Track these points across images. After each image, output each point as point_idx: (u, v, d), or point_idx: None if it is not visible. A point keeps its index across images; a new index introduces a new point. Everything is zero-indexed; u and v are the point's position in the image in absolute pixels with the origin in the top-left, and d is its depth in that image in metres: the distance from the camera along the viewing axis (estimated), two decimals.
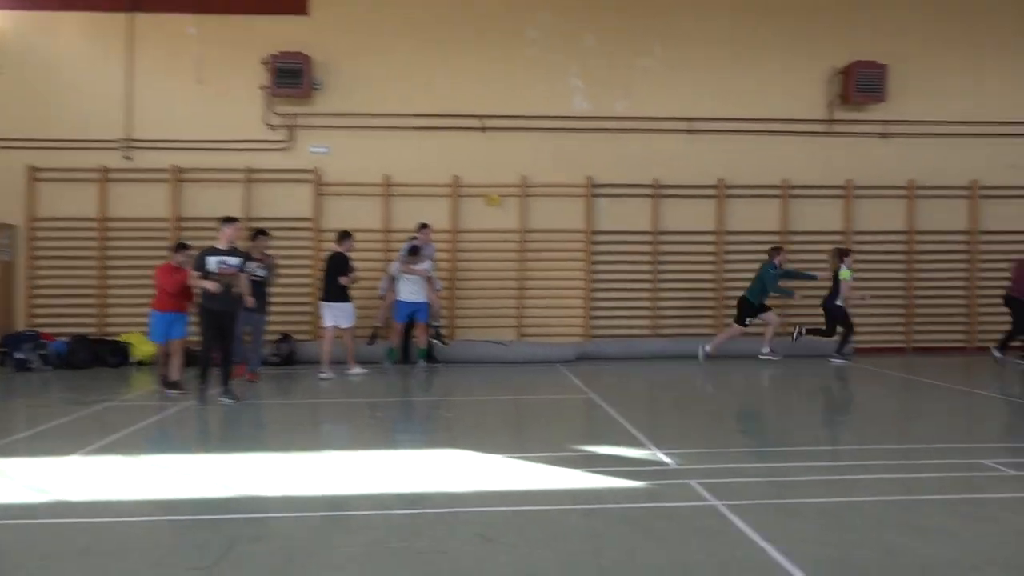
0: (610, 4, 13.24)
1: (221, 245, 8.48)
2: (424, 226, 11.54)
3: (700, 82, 13.28)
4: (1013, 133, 13.56)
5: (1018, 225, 13.59)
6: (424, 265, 11.09)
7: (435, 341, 11.77)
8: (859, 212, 13.43)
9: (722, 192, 13.24)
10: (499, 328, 12.99)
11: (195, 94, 12.64)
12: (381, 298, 11.84)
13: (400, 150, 12.90)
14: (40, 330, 12.10)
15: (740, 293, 12.92)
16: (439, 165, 12.94)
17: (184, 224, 12.45)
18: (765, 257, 12.22)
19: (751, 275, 12.88)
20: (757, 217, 13.34)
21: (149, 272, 9.82)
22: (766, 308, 12.25)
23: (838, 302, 11.89)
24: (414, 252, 11.07)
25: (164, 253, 10.16)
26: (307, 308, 12.71)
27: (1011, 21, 13.62)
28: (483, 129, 13.00)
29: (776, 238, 13.25)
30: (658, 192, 13.22)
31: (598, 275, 13.20)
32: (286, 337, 12.25)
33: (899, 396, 9.70)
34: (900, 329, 13.50)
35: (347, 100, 12.82)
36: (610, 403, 8.39)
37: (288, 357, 12.04)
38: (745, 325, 12.22)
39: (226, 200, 12.25)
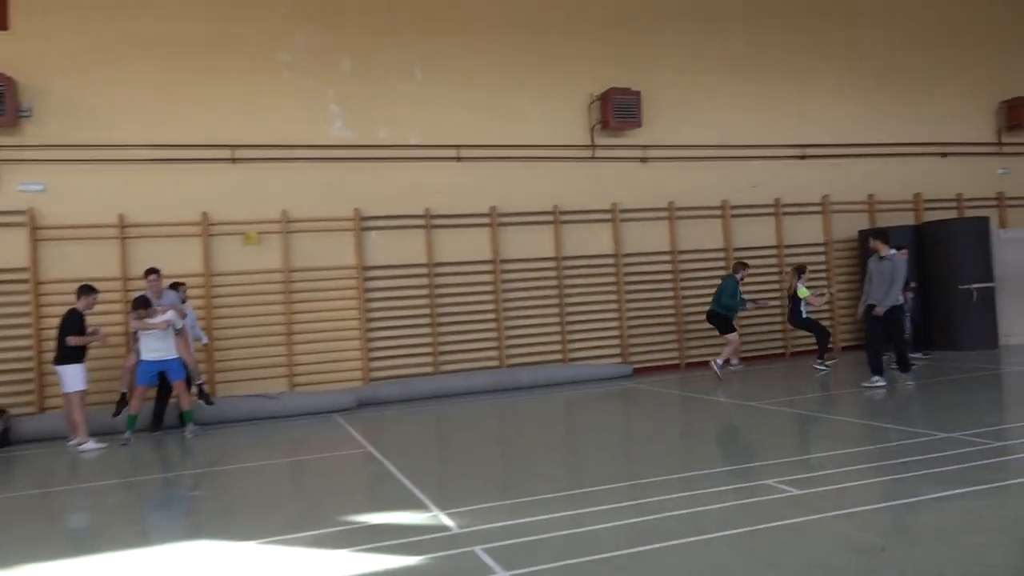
0: (367, 26, 12.59)
1: None
2: (150, 272, 10.02)
3: (466, 108, 12.99)
4: (751, 156, 14.62)
5: (762, 241, 14.62)
6: (165, 317, 9.65)
7: (200, 400, 10.30)
8: (627, 234, 13.77)
9: (495, 220, 12.99)
10: (267, 380, 11.73)
11: None
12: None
13: (137, 186, 11.33)
14: None
15: (520, 320, 12.82)
16: (185, 201, 11.51)
17: None
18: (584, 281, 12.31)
19: (531, 302, 12.81)
20: (531, 243, 13.23)
21: None
22: (731, 327, 12.51)
23: (804, 316, 12.37)
24: (141, 305, 9.60)
25: None
26: (27, 376, 10.70)
27: (742, 52, 14.72)
28: (233, 160, 11.77)
29: (552, 264, 13.23)
30: (430, 223, 12.69)
31: (373, 313, 12.37)
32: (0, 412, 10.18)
33: (684, 416, 9.79)
34: (674, 346, 13.95)
35: (66, 129, 11.05)
36: (389, 456, 7.60)
37: (2, 437, 9.98)
38: (734, 330, 12.52)
39: None
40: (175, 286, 10.42)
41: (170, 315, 9.82)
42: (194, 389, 10.24)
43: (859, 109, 15.46)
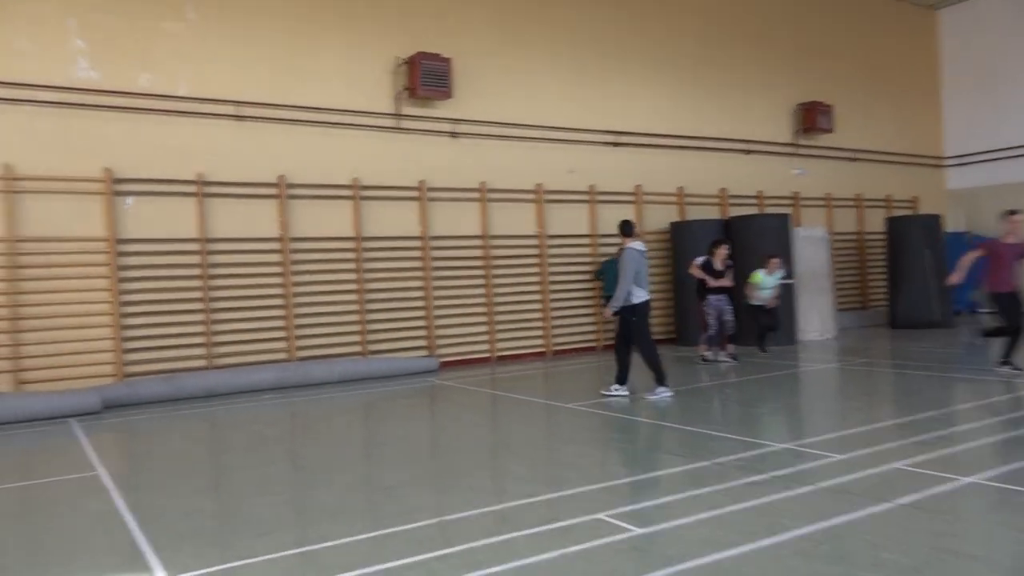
0: None
1: None
2: None
3: (250, 59, 11.10)
4: (568, 140, 13.89)
5: (576, 229, 13.96)
6: None
7: None
8: (436, 215, 12.53)
9: (283, 191, 11.23)
10: None
11: None
12: None
13: None
14: None
15: (313, 308, 11.30)
16: None
17: None
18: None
19: (327, 286, 11.34)
20: (327, 220, 11.61)
21: None
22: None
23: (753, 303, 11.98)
24: None
25: None
26: None
27: (561, 28, 13.94)
28: None
29: (351, 244, 11.72)
30: (204, 190, 10.71)
31: (129, 296, 10.23)
32: None
33: (492, 421, 8.68)
34: (485, 338, 12.92)
35: None
36: (124, 483, 5.85)
37: None
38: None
39: None
40: None
41: None
42: None
43: (672, 100, 15.24)
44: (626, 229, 9.05)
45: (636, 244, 8.88)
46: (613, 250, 13.48)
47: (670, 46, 15.25)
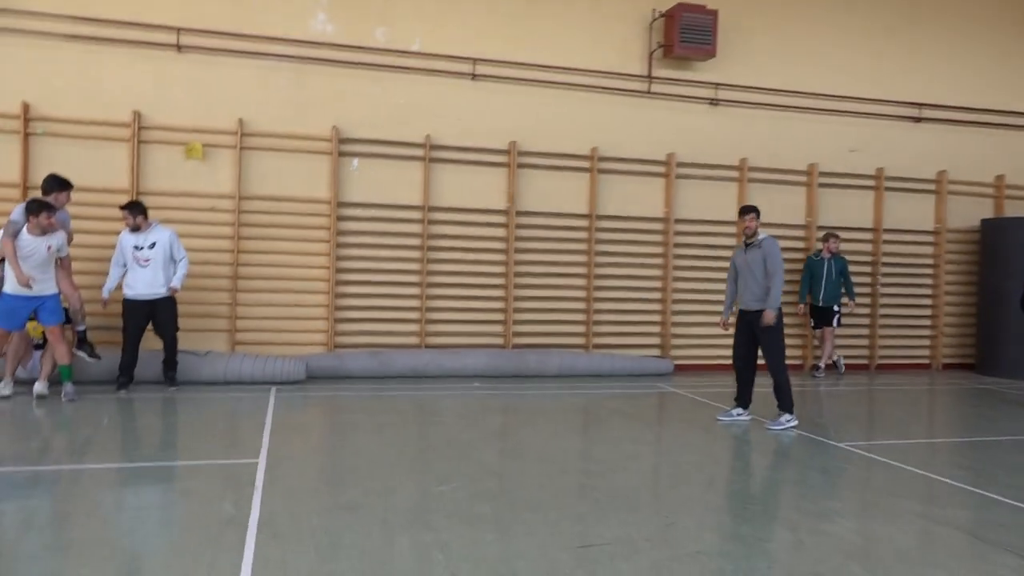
0: None
1: None
2: (56, 182, 7.58)
3: (487, 14, 10.08)
4: (853, 112, 11.42)
5: (856, 220, 11.49)
6: (52, 239, 7.19)
7: (80, 353, 7.76)
8: (683, 194, 10.78)
9: (514, 159, 10.11)
10: (203, 333, 9.19)
11: None
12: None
13: (48, 69, 8.74)
14: None
15: (534, 293, 10.12)
16: (112, 95, 8.91)
17: None
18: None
19: (558, 266, 10.10)
20: (558, 194, 10.34)
21: None
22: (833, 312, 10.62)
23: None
24: (40, 208, 7.08)
25: None
26: None
27: None
28: (178, 48, 9.10)
29: (583, 222, 10.37)
30: (431, 155, 9.88)
31: (345, 263, 9.69)
32: None
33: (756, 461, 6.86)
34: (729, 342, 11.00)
35: None
36: (279, 477, 4.93)
37: None
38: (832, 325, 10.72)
39: None
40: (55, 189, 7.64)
41: (58, 237, 7.30)
42: (75, 336, 7.73)
43: (994, 67, 12.07)
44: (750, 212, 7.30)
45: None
46: (907, 249, 10.86)
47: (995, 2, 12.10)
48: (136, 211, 7.95)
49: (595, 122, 10.43)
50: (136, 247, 7.95)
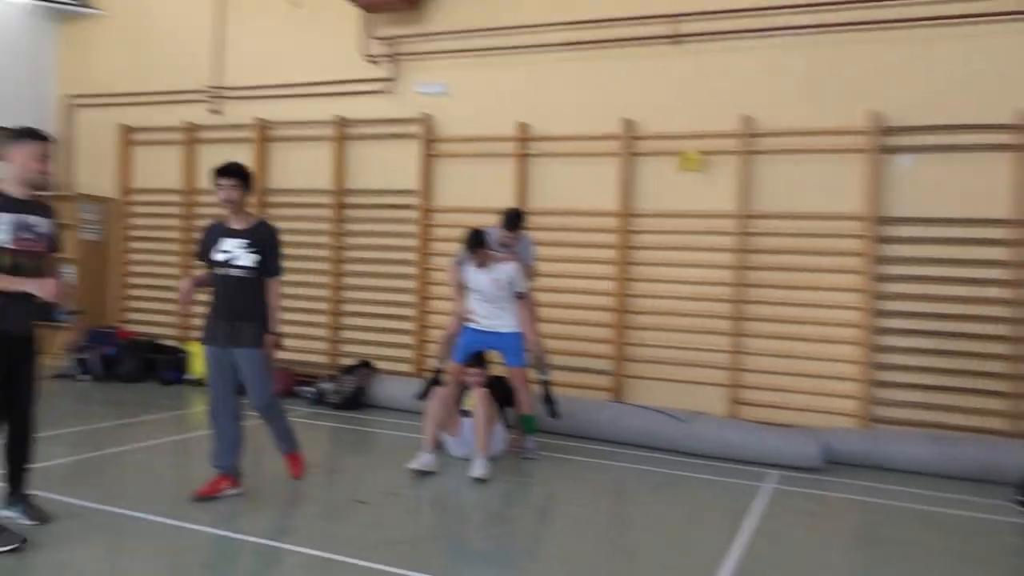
0: None
1: (12, 190, 4.07)
2: (509, 214, 6.52)
3: None
4: None
5: None
6: (503, 272, 6.27)
7: (545, 404, 6.64)
8: None
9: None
10: (675, 385, 7.45)
11: (287, 21, 9.23)
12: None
13: (541, 84, 8.04)
14: (124, 327, 9.86)
15: None
16: (599, 105, 7.79)
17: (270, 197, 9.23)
18: None
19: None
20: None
21: None
22: None
23: None
24: (475, 243, 6.20)
25: None
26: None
27: None
28: (674, 39, 7.52)
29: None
30: None
31: (887, 304, 6.87)
32: (362, 366, 8.27)
33: None
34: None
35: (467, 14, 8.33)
36: None
37: (354, 398, 8.01)
38: None
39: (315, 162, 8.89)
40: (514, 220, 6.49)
41: (509, 270, 6.32)
42: (539, 384, 6.63)
43: None
44: None
45: None
46: None
47: None
48: None
49: None
50: None
